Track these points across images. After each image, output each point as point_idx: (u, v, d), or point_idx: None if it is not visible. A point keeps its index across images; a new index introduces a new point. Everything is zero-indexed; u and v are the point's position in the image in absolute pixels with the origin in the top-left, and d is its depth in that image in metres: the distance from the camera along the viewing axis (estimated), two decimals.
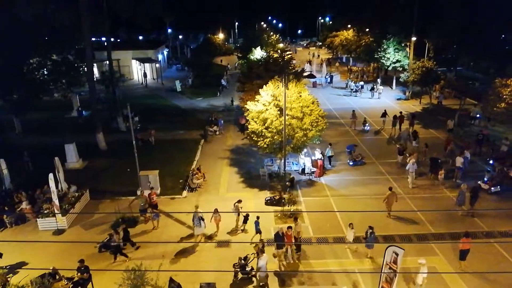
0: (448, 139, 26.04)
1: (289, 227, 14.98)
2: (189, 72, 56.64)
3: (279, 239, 14.75)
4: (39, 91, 28.58)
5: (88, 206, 19.57)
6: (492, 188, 19.59)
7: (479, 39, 30.44)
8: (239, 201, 17.35)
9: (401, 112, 30.34)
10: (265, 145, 19.88)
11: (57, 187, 18.17)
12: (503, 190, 19.60)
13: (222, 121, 31.30)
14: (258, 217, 16.47)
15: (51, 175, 17.29)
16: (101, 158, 25.46)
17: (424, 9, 37.29)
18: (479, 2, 29.35)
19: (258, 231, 16.40)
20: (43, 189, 19.41)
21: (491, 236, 16.23)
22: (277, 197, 19.29)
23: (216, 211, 16.51)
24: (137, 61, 53.85)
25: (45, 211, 17.56)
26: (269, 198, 19.55)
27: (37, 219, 17.47)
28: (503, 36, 34.53)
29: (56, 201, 17.18)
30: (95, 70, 44.68)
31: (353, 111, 31.36)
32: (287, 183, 20.39)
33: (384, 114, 30.69)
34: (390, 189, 17.96)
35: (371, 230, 14.78)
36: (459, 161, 21.26)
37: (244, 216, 16.97)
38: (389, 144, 27.10)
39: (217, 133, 30.03)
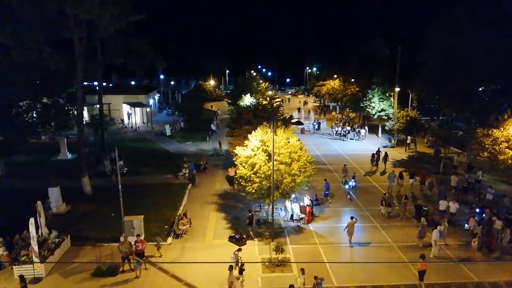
0: (423, 174, 27.64)
1: (291, 286, 14.24)
2: (179, 116, 57.35)
3: None
4: (27, 133, 28.38)
5: (68, 252, 18.78)
6: (466, 225, 20.10)
7: (459, 91, 31.76)
8: (239, 250, 16.96)
9: (379, 149, 34.06)
10: (253, 191, 19.77)
11: (37, 232, 17.55)
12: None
13: (193, 165, 30.52)
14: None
15: (31, 220, 16.71)
16: (85, 203, 24.85)
17: (406, 63, 39.25)
18: (457, 57, 30.91)
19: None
20: (22, 234, 18.69)
21: (482, 287, 15.95)
22: (238, 236, 19.64)
23: None
24: (128, 105, 54.48)
25: (23, 258, 16.79)
26: (232, 235, 19.80)
27: (14, 267, 16.65)
28: (481, 88, 36.18)
29: (35, 247, 16.49)
30: (85, 113, 44.90)
31: (345, 165, 29.91)
32: (247, 220, 20.68)
33: (378, 152, 33.17)
34: (352, 218, 19.43)
35: (318, 281, 14.40)
36: (453, 207, 21.46)
37: (239, 267, 16.09)
38: (378, 192, 27.20)
39: (186, 175, 29.70)
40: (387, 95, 43.38)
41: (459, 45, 30.45)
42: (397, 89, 40.42)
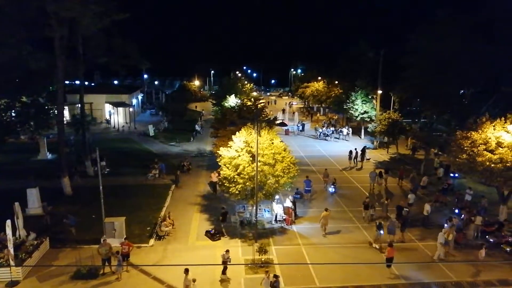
0: (401, 170, 29.28)
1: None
2: (163, 117, 56.84)
3: None
4: (5, 133, 27.63)
5: (47, 255, 18.35)
6: (446, 225, 20.29)
7: (439, 94, 32.37)
8: (227, 251, 16.97)
9: (364, 147, 35.50)
10: (237, 192, 19.74)
11: (14, 234, 17.10)
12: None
13: (164, 165, 30.52)
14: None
15: (8, 222, 16.28)
16: (65, 204, 24.33)
17: (389, 66, 39.88)
18: (440, 61, 31.42)
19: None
20: None
21: (460, 287, 16.31)
22: (213, 231, 20.30)
23: None
24: (110, 105, 53.70)
25: None
26: (208, 230, 20.52)
27: None
28: (461, 91, 36.99)
29: (11, 250, 16.05)
30: (66, 112, 44.07)
31: (326, 169, 29.10)
32: (220, 217, 20.92)
33: (364, 150, 34.77)
34: (326, 210, 20.59)
35: (276, 279, 14.73)
36: (426, 209, 21.91)
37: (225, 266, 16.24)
38: (361, 193, 27.52)
39: (157, 176, 29.64)
40: (370, 97, 43.98)
41: (443, 50, 30.97)
42: (379, 91, 41.03)
